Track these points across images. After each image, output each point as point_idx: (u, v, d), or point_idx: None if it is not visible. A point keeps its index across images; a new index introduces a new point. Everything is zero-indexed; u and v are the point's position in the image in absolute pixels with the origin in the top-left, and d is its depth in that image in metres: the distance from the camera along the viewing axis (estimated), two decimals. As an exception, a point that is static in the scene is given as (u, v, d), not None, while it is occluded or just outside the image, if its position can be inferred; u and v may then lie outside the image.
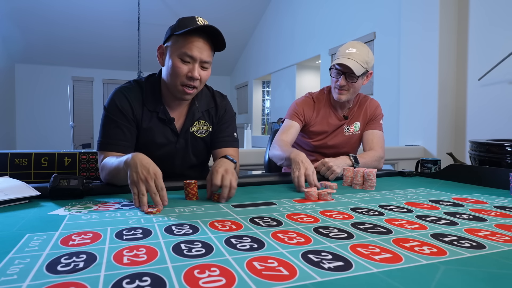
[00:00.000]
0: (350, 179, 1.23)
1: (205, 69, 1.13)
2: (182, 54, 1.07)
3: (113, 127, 1.14)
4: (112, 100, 1.16)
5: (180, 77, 1.10)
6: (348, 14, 4.54)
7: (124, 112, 1.14)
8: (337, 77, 1.53)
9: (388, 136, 1.82)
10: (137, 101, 1.17)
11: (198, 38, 1.07)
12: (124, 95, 1.16)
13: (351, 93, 1.55)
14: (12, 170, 1.48)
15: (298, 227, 0.71)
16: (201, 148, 1.29)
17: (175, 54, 1.09)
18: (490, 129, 2.63)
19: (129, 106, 1.15)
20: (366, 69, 1.50)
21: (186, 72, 1.09)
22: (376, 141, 1.61)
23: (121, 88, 1.19)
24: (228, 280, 0.46)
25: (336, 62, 1.49)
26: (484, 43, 2.67)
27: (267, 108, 8.05)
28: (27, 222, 0.73)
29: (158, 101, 1.19)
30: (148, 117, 1.18)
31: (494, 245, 0.61)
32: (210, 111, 1.29)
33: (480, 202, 0.98)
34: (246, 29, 7.75)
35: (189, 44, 1.07)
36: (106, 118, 1.15)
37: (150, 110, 1.18)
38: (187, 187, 0.98)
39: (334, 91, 1.56)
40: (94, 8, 6.46)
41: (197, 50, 1.07)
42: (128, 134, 1.15)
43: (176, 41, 1.09)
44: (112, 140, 1.13)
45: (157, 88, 1.20)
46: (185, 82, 1.10)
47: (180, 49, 1.08)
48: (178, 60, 1.09)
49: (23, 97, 7.94)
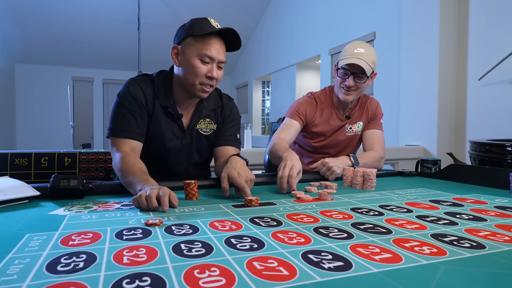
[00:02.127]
0: (350, 179, 1.23)
1: (221, 69, 1.18)
2: (202, 55, 1.12)
3: (127, 114, 1.15)
4: (127, 88, 1.18)
5: (200, 77, 1.14)
6: (348, 14, 4.54)
7: (137, 100, 1.17)
8: (344, 77, 1.49)
9: (388, 136, 1.82)
10: (150, 92, 1.20)
11: (215, 40, 1.12)
12: (138, 85, 1.19)
13: (358, 93, 1.53)
14: (12, 170, 1.48)
15: (298, 227, 0.71)
16: (205, 146, 1.31)
17: (194, 54, 1.12)
18: (490, 129, 2.63)
19: (143, 95, 1.18)
20: (373, 69, 1.49)
21: (206, 72, 1.14)
22: (376, 141, 1.60)
23: (136, 78, 1.22)
24: (228, 280, 0.46)
25: (347, 62, 1.45)
26: (484, 43, 2.67)
27: (267, 108, 8.05)
28: (27, 222, 0.73)
29: (168, 96, 1.22)
30: (158, 110, 1.21)
31: (494, 245, 0.61)
32: (216, 110, 1.32)
33: (480, 202, 0.98)
34: (246, 29, 7.75)
35: (208, 46, 1.11)
36: (119, 105, 1.17)
37: (161, 104, 1.21)
38: (187, 187, 0.98)
39: (341, 91, 1.52)
40: (94, 8, 6.46)
41: (216, 51, 1.12)
42: (140, 122, 1.17)
43: (195, 42, 1.12)
44: (124, 127, 1.14)
45: (169, 84, 1.23)
46: (204, 81, 1.15)
47: (199, 50, 1.11)
48: (198, 60, 1.12)
49: (23, 97, 7.94)
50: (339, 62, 1.51)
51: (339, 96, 1.55)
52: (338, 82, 1.53)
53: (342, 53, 1.52)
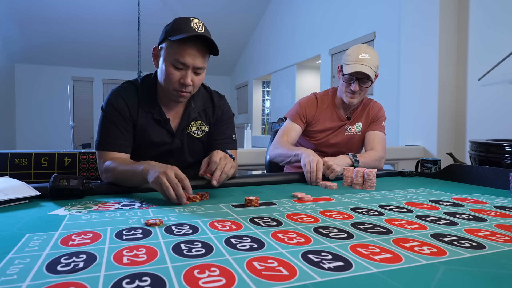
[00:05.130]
0: (350, 179, 1.23)
1: (198, 74, 1.13)
2: (175, 61, 1.07)
3: (112, 127, 1.15)
4: (109, 100, 1.17)
5: (173, 83, 1.11)
6: (348, 14, 4.54)
7: (121, 112, 1.16)
8: (349, 82, 1.54)
9: (388, 136, 1.83)
10: (133, 101, 1.19)
11: (191, 45, 1.07)
12: (120, 96, 1.18)
13: (362, 96, 1.59)
14: (12, 170, 1.48)
15: (298, 227, 0.71)
16: (198, 148, 1.30)
17: (168, 60, 1.09)
18: (490, 129, 2.63)
19: (126, 106, 1.17)
20: (376, 72, 1.54)
21: (179, 79, 1.10)
22: (377, 141, 1.62)
23: (118, 89, 1.21)
24: (228, 280, 0.45)
25: (353, 70, 1.49)
26: (484, 43, 2.67)
27: (267, 108, 8.05)
28: (27, 222, 0.73)
29: (153, 101, 1.20)
30: (143, 118, 1.19)
31: (494, 245, 0.61)
32: (207, 111, 1.29)
33: (480, 202, 0.98)
34: (246, 29, 7.75)
35: (182, 52, 1.06)
36: (104, 119, 1.17)
37: (145, 111, 1.19)
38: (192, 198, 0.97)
39: (346, 95, 1.57)
40: (94, 8, 6.46)
41: (190, 57, 1.07)
42: (126, 134, 1.17)
43: (169, 46, 1.08)
44: (110, 140, 1.14)
45: (153, 88, 1.21)
46: (177, 88, 1.11)
47: (173, 55, 1.07)
48: (170, 66, 1.09)
49: (23, 97, 7.94)
50: (344, 67, 1.55)
51: (343, 99, 1.60)
52: (344, 87, 1.57)
53: (346, 57, 1.55)
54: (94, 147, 1.18)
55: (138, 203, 0.93)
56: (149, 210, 0.84)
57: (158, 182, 0.90)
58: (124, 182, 1.06)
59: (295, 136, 1.63)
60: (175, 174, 0.91)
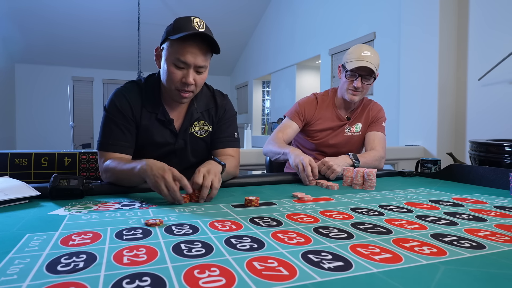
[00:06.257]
0: (350, 179, 1.23)
1: (200, 73, 1.12)
2: (176, 60, 1.07)
3: (114, 127, 1.14)
4: (112, 101, 1.16)
5: (175, 82, 1.10)
6: (348, 14, 4.54)
7: (124, 113, 1.15)
8: (352, 78, 1.55)
9: (388, 136, 1.83)
10: (136, 102, 1.18)
11: (192, 43, 1.06)
12: (123, 96, 1.17)
13: (363, 94, 1.60)
14: (12, 170, 1.48)
15: (298, 227, 0.71)
16: (201, 148, 1.29)
17: (169, 59, 1.09)
18: (490, 129, 2.63)
19: (129, 106, 1.16)
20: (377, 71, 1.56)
21: (180, 78, 1.09)
22: (377, 141, 1.63)
23: (121, 88, 1.20)
24: (228, 280, 0.46)
25: (356, 65, 1.51)
26: (484, 43, 2.67)
27: (267, 108, 8.05)
28: (27, 222, 0.73)
29: (157, 102, 1.20)
30: (147, 118, 1.19)
31: (494, 245, 0.61)
32: (210, 111, 1.28)
33: (480, 202, 0.98)
34: (246, 29, 7.75)
35: (182, 50, 1.06)
36: (106, 119, 1.16)
37: (149, 111, 1.19)
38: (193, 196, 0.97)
39: (348, 92, 1.58)
40: (94, 8, 6.46)
41: (191, 56, 1.06)
42: (128, 135, 1.16)
43: (170, 45, 1.08)
44: (112, 140, 1.14)
45: (157, 88, 1.21)
46: (179, 87, 1.11)
47: (174, 54, 1.07)
48: (172, 65, 1.09)
49: (23, 97, 7.94)
50: (347, 64, 1.56)
51: (345, 97, 1.61)
52: (346, 84, 1.59)
53: (348, 56, 1.57)
54: (96, 147, 1.17)
55: (138, 203, 0.93)
56: (149, 210, 0.84)
57: (156, 188, 0.91)
58: (123, 182, 1.06)
59: (291, 133, 1.63)
60: (173, 176, 0.91)
